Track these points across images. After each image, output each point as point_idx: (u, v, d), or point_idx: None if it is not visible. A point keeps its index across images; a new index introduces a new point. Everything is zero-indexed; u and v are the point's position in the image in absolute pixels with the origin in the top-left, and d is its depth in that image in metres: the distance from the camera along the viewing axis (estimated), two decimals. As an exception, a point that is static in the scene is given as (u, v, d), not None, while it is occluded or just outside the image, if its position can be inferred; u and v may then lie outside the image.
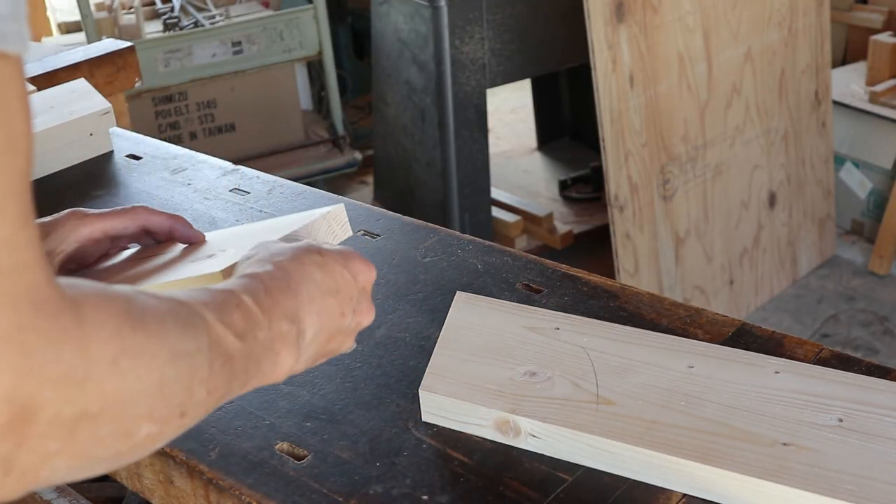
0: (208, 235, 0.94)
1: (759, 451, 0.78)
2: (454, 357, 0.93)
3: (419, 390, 0.89)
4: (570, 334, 0.95)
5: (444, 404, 0.88)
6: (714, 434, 0.80)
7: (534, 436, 0.84)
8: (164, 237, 0.93)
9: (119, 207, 0.92)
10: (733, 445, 0.79)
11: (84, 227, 0.89)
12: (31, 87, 1.62)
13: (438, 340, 0.96)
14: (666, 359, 0.90)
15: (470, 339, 0.96)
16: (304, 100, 3.79)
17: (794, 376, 0.86)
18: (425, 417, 0.89)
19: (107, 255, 0.93)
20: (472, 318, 0.99)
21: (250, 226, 1.00)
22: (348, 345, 0.77)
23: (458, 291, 1.05)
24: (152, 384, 0.53)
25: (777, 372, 0.86)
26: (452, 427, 0.88)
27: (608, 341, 0.94)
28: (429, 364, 0.92)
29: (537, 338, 0.95)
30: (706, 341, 0.95)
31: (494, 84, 3.02)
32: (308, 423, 0.90)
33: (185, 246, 0.93)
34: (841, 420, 0.80)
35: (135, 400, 0.52)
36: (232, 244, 0.90)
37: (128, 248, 0.95)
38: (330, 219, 0.91)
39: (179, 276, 0.84)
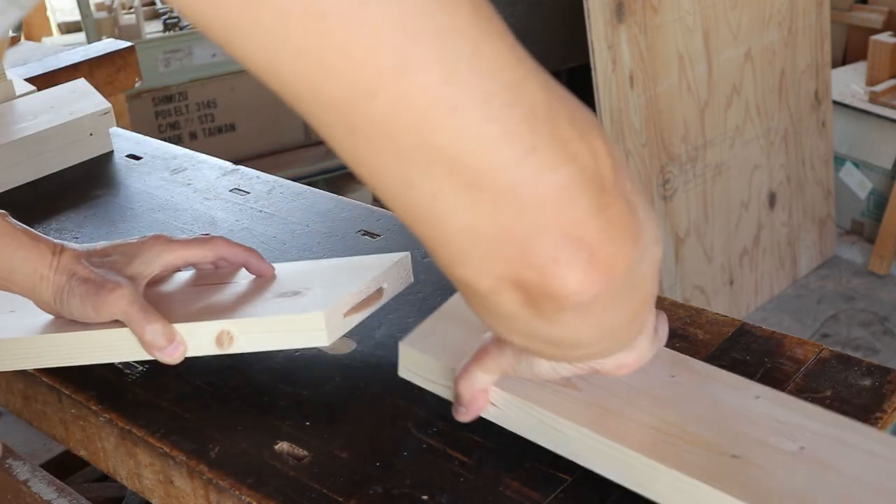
0: (277, 269, 0.96)
1: (705, 457, 0.75)
2: (447, 324, 0.91)
3: (398, 343, 0.88)
4: None
5: (420, 361, 0.87)
6: (666, 434, 0.78)
7: (494, 405, 0.83)
8: (235, 267, 0.95)
9: (198, 237, 0.94)
10: (682, 448, 0.77)
11: (169, 253, 0.92)
12: (31, 87, 1.62)
13: (439, 308, 0.94)
14: (650, 365, 0.88)
15: (470, 315, 0.94)
16: (304, 100, 3.79)
17: (772, 404, 0.83)
18: (401, 373, 0.88)
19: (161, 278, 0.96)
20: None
21: (316, 263, 1.01)
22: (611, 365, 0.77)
23: (458, 291, 1.05)
24: None
25: (757, 397, 0.84)
26: (427, 388, 0.87)
27: None
28: (421, 324, 0.91)
29: None
30: (706, 341, 0.95)
31: (494, 84, 3.01)
32: (308, 423, 0.90)
33: (251, 276, 0.95)
34: (802, 448, 0.76)
35: None
36: (311, 282, 0.92)
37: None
38: (400, 266, 0.94)
39: (278, 314, 0.87)
